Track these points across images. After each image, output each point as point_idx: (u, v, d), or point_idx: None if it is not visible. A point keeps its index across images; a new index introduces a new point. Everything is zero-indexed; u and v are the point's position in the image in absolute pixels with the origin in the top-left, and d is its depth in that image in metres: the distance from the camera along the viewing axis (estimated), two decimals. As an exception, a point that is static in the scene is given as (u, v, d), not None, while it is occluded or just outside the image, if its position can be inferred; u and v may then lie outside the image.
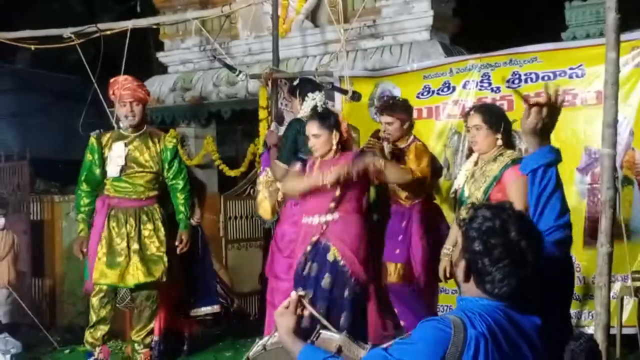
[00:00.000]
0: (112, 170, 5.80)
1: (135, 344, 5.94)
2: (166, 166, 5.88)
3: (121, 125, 5.97)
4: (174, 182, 5.93)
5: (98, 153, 5.84)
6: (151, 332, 6.00)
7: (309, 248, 4.94)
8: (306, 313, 2.65)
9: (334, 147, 4.98)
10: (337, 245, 4.87)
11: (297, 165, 5.14)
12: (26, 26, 8.20)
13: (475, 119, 4.77)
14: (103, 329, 5.85)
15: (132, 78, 6.02)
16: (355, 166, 4.84)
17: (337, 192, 4.89)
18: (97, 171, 5.84)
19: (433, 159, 5.89)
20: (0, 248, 7.09)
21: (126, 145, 5.81)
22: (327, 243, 4.89)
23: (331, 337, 2.69)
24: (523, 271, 2.22)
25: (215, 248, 7.97)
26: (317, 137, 4.98)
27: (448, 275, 5.04)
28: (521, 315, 2.26)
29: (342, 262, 4.85)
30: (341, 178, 4.82)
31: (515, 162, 4.65)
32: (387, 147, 5.62)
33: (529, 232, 2.27)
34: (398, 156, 5.65)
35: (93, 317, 5.86)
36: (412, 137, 5.79)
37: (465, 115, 4.92)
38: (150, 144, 5.87)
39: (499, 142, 4.74)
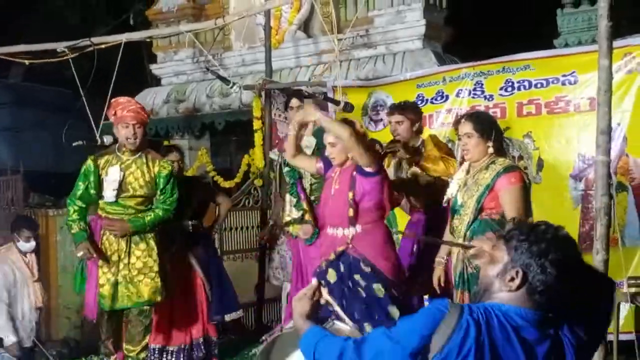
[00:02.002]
0: (108, 195, 5.76)
1: (129, 359, 5.92)
2: (158, 192, 5.86)
3: (105, 140, 5.90)
4: (160, 204, 5.88)
5: (94, 175, 5.78)
6: (145, 347, 5.98)
7: (332, 256, 4.98)
8: (323, 301, 2.71)
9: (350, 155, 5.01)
10: (365, 253, 4.91)
11: (319, 162, 5.33)
12: (21, 40, 8.21)
13: (466, 127, 4.77)
14: (116, 338, 5.98)
15: (135, 100, 5.99)
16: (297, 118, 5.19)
17: (351, 208, 4.92)
18: (92, 192, 5.80)
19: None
20: (35, 269, 7.11)
21: (122, 169, 5.78)
22: (354, 255, 4.92)
23: (342, 327, 2.80)
24: (576, 288, 2.32)
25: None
26: (333, 145, 5.04)
27: (442, 284, 5.04)
28: (536, 327, 2.29)
29: (372, 267, 4.89)
30: (296, 126, 5.16)
31: (507, 170, 4.66)
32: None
33: (576, 250, 2.39)
34: (414, 155, 5.74)
35: (102, 335, 6.06)
36: (421, 139, 5.88)
37: (456, 123, 4.93)
38: (146, 169, 5.81)
39: (490, 150, 4.75)
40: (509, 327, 2.24)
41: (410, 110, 5.87)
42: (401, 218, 6.66)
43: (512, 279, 2.30)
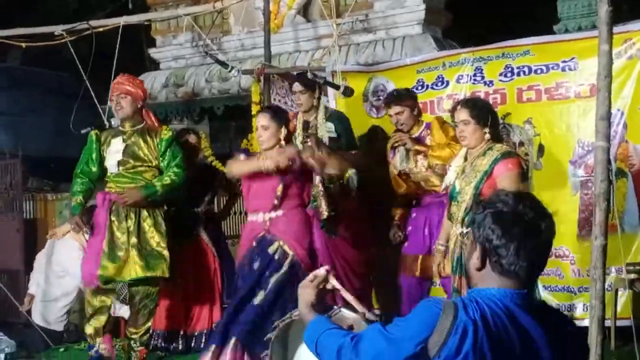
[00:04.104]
0: (111, 165, 5.80)
1: (132, 342, 5.92)
2: (161, 158, 5.86)
3: (113, 123, 5.95)
4: (167, 169, 5.86)
5: (96, 150, 5.85)
6: (148, 330, 5.98)
7: (254, 244, 5.28)
8: (330, 287, 2.72)
9: (282, 142, 5.29)
10: (282, 238, 5.24)
11: (242, 156, 5.48)
12: (18, 24, 8.18)
13: (463, 114, 4.78)
14: (101, 319, 5.88)
15: (128, 75, 6.01)
16: (292, 155, 5.22)
17: (279, 191, 5.19)
18: (94, 167, 5.83)
19: None
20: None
21: (124, 140, 5.81)
22: (272, 238, 5.24)
23: (347, 316, 2.79)
24: (537, 240, 2.27)
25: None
26: (266, 129, 5.27)
27: (443, 271, 5.06)
28: (526, 310, 2.27)
29: (289, 253, 5.22)
30: (280, 165, 5.13)
31: (504, 155, 4.67)
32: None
33: (536, 204, 2.31)
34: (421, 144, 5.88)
35: (89, 310, 5.93)
36: (424, 123, 6.02)
37: (453, 110, 4.94)
38: (148, 138, 5.87)
39: (487, 136, 4.78)
40: (502, 314, 2.22)
41: (406, 97, 5.95)
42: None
43: (477, 258, 2.31)
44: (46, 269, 7.39)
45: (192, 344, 6.30)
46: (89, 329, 5.94)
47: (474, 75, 6.57)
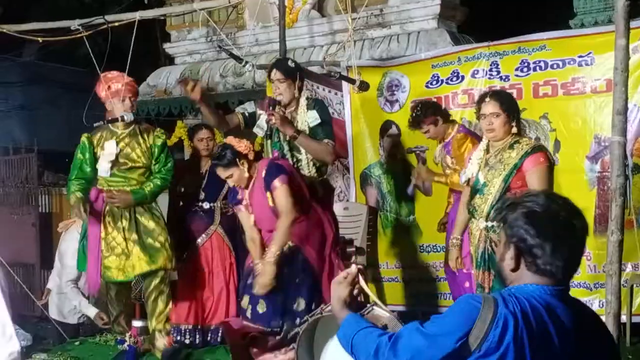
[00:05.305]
0: (103, 168, 5.81)
1: (156, 332, 5.93)
2: (153, 161, 5.90)
3: (125, 118, 5.91)
4: (157, 174, 5.92)
5: (89, 152, 5.85)
6: (168, 318, 6.00)
7: None
8: (357, 291, 2.70)
9: (248, 175, 5.21)
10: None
11: (241, 208, 5.34)
12: (34, 19, 8.20)
13: (492, 106, 4.68)
14: (125, 314, 6.09)
15: (122, 73, 6.02)
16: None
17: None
18: (88, 170, 5.84)
19: None
20: None
21: (117, 143, 5.82)
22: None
23: (380, 315, 2.79)
24: (573, 241, 2.26)
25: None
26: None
27: (460, 264, 5.04)
28: (564, 304, 2.27)
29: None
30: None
31: (535, 150, 4.61)
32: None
33: (568, 203, 2.31)
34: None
35: (114, 312, 6.14)
36: (456, 125, 6.11)
37: (479, 102, 4.86)
38: (141, 140, 5.88)
39: (514, 129, 4.70)
40: (540, 308, 2.21)
41: (429, 115, 6.05)
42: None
43: (511, 258, 2.30)
44: (57, 262, 7.45)
45: (209, 338, 6.31)
46: (116, 328, 6.18)
47: (490, 70, 6.55)
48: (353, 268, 2.68)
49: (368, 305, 2.82)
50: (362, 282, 2.70)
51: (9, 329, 2.19)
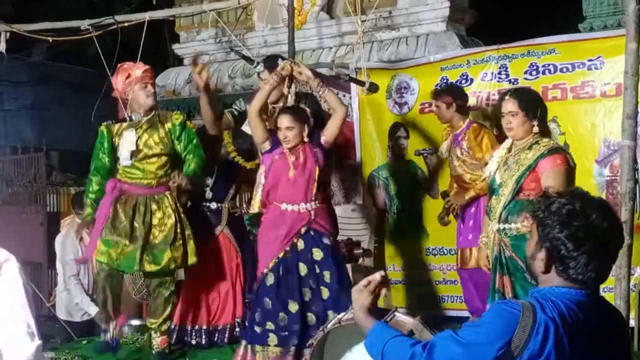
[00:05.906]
0: (124, 157, 5.79)
1: (152, 332, 5.93)
2: (177, 142, 5.86)
3: (134, 117, 5.90)
4: (186, 153, 5.87)
5: (108, 141, 5.83)
6: (167, 319, 5.98)
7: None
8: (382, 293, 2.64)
9: (305, 139, 5.29)
10: (326, 229, 5.32)
11: (271, 140, 5.45)
12: (42, 18, 8.23)
13: (511, 105, 4.63)
14: (112, 303, 5.89)
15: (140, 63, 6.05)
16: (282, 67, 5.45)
17: (315, 183, 5.25)
18: (106, 159, 5.82)
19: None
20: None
21: (136, 130, 5.80)
22: (318, 229, 5.29)
23: (405, 320, 2.71)
24: (606, 252, 2.24)
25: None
26: (290, 129, 5.25)
27: (490, 265, 4.90)
28: (599, 306, 2.27)
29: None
30: (274, 83, 5.36)
31: (552, 151, 4.54)
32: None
33: (609, 213, 2.27)
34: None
35: (100, 297, 5.97)
36: (467, 121, 6.11)
37: (500, 99, 4.82)
38: (159, 125, 5.85)
39: (536, 129, 4.62)
40: (575, 308, 2.19)
41: (443, 94, 6.11)
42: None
43: (542, 260, 2.26)
44: (58, 264, 7.48)
45: (215, 339, 6.31)
46: (99, 316, 6.23)
47: (499, 73, 6.54)
48: (377, 275, 2.58)
49: (390, 311, 2.73)
50: (384, 292, 2.61)
51: (32, 327, 2.25)
